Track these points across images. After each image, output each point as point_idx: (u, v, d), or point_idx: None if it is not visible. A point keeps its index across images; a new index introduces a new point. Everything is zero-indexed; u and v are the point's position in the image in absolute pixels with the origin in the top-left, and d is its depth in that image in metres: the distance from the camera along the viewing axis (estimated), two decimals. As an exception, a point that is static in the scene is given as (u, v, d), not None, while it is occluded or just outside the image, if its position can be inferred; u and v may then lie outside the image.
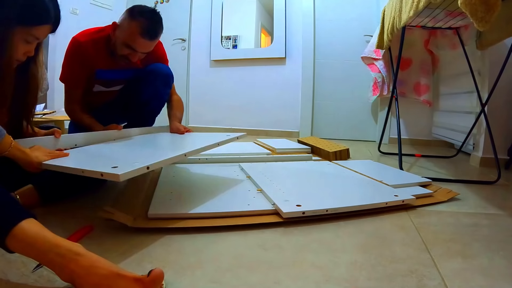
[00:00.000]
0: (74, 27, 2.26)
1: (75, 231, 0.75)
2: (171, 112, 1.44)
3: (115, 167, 0.70)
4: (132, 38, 1.15)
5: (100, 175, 0.68)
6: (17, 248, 0.52)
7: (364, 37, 2.89)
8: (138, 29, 1.13)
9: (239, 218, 0.84)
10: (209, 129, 3.38)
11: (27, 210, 0.56)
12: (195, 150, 0.88)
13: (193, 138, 1.21)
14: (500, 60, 1.53)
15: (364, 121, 2.99)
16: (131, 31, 1.14)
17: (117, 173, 0.64)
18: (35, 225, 0.54)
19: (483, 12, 0.89)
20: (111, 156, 0.89)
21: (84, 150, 1.00)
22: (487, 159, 1.72)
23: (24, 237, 0.51)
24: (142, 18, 1.14)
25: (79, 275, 0.49)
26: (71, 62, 1.21)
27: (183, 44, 3.43)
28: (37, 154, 0.83)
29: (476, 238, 0.80)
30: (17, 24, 0.75)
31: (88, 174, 0.71)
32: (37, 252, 0.51)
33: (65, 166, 0.76)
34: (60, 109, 2.65)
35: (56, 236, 0.53)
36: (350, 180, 1.21)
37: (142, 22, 1.13)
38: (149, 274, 0.49)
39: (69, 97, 1.28)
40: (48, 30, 0.82)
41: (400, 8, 1.61)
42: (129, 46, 1.16)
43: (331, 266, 0.64)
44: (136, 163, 0.72)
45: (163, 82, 1.36)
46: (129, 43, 1.16)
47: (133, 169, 0.68)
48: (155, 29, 1.17)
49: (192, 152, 0.87)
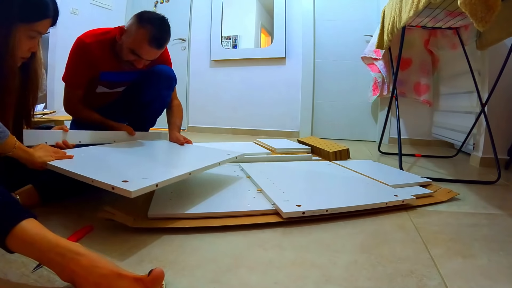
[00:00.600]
0: (74, 27, 2.26)
1: (75, 231, 0.75)
2: (171, 119, 1.44)
3: (125, 181, 0.72)
4: (139, 45, 1.14)
5: (111, 188, 0.70)
6: (17, 248, 0.52)
7: (364, 37, 2.89)
8: (146, 37, 1.12)
9: (239, 218, 0.84)
10: (209, 129, 3.38)
11: (28, 210, 0.56)
12: (199, 169, 0.92)
13: (195, 152, 1.22)
14: (500, 60, 1.53)
15: (364, 121, 2.99)
16: (139, 38, 1.13)
17: (130, 190, 0.67)
18: (36, 225, 0.54)
19: (483, 12, 0.89)
20: (117, 167, 0.90)
21: (88, 153, 1.01)
22: (487, 159, 1.72)
23: (24, 237, 0.51)
24: (151, 26, 1.12)
25: (79, 274, 0.49)
26: (75, 63, 1.20)
27: (183, 44, 3.43)
28: (41, 154, 0.84)
29: (476, 238, 0.80)
30: (19, 22, 0.76)
31: (98, 184, 0.72)
32: (37, 252, 0.51)
33: (74, 172, 0.78)
34: (60, 109, 2.64)
35: (56, 236, 0.53)
36: (350, 180, 1.21)
37: (150, 30, 1.12)
38: (149, 273, 0.49)
39: (69, 97, 1.27)
40: (49, 24, 0.83)
41: (400, 8, 1.61)
42: (135, 52, 1.15)
43: (331, 266, 0.64)
44: (145, 179, 0.75)
45: (166, 84, 1.36)
46: (135, 50, 1.15)
47: (144, 187, 0.71)
48: (163, 38, 1.16)
49: (196, 171, 0.90)
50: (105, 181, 0.71)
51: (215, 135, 3.19)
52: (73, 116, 1.33)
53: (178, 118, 1.45)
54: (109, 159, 0.98)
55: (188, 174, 0.86)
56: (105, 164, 0.92)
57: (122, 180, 0.73)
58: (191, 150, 1.26)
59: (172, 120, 1.44)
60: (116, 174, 0.78)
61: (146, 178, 0.76)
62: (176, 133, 1.38)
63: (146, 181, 0.74)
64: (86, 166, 0.86)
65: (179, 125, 1.45)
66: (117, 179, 0.73)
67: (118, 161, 0.96)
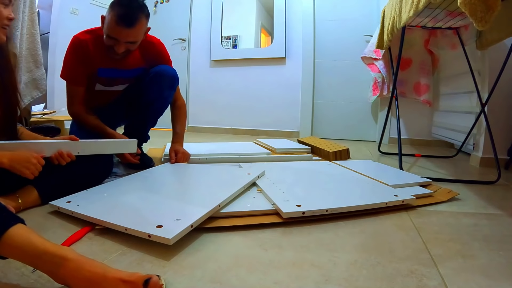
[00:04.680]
0: (74, 27, 2.26)
1: (76, 231, 0.75)
2: (175, 126, 1.46)
3: (160, 226, 0.71)
4: (111, 28, 1.13)
5: (147, 236, 0.68)
6: (8, 254, 0.52)
7: (364, 37, 2.89)
8: (114, 18, 1.12)
9: (239, 218, 0.84)
10: (209, 129, 3.38)
11: (15, 215, 0.56)
12: (227, 198, 0.90)
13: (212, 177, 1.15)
14: (500, 60, 1.53)
15: (364, 121, 2.99)
16: (110, 22, 1.13)
17: (168, 237, 0.66)
18: (24, 231, 0.53)
19: (482, 12, 0.89)
20: (141, 208, 0.84)
21: (101, 192, 0.97)
22: (487, 159, 1.72)
23: (13, 244, 0.51)
24: (118, 7, 1.12)
25: (70, 279, 0.49)
26: (71, 58, 1.22)
27: (183, 44, 3.43)
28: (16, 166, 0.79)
29: (476, 238, 0.80)
30: None
31: (132, 232, 0.71)
32: (28, 258, 0.51)
33: (103, 220, 0.76)
34: (60, 109, 2.65)
35: (44, 242, 0.52)
36: (350, 180, 1.21)
37: (117, 10, 1.12)
38: (145, 283, 0.49)
39: (71, 97, 1.27)
40: None
41: (400, 8, 1.61)
42: (110, 36, 1.15)
43: (330, 266, 0.64)
44: (178, 221, 0.73)
45: (168, 84, 1.36)
46: (109, 34, 1.15)
47: (180, 231, 0.69)
48: (131, 16, 1.13)
49: (225, 201, 0.88)
50: (140, 229, 0.70)
51: (215, 135, 3.19)
52: (75, 119, 1.33)
53: (180, 124, 1.47)
54: (127, 198, 0.93)
55: (218, 206, 0.84)
56: (128, 206, 0.86)
57: (156, 225, 0.71)
58: (207, 174, 1.20)
59: (175, 129, 1.46)
60: (145, 218, 0.76)
61: (178, 219, 0.74)
62: (176, 147, 1.41)
63: (180, 223, 0.72)
64: (109, 210, 0.83)
65: (182, 134, 1.47)
66: (150, 225, 0.71)
67: (137, 200, 0.91)
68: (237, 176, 1.13)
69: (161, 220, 0.73)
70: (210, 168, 1.30)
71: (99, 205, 0.86)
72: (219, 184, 1.05)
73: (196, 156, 1.52)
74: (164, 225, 0.71)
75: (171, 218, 0.75)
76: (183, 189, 1.08)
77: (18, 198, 0.86)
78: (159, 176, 1.20)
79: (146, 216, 0.77)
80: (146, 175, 1.20)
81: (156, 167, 1.33)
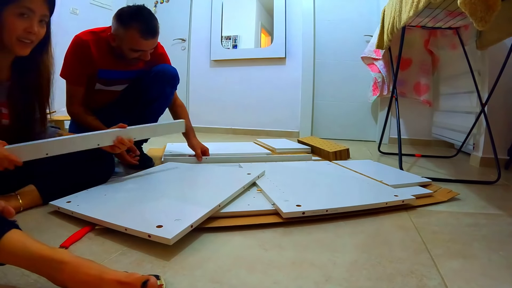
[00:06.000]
0: (74, 27, 2.26)
1: (76, 231, 0.75)
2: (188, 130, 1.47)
3: (160, 226, 0.70)
4: (136, 43, 1.17)
5: (147, 236, 0.68)
6: (4, 260, 0.52)
7: (364, 37, 2.89)
8: (138, 34, 1.15)
9: (239, 218, 0.84)
10: (209, 129, 3.38)
11: (8, 220, 0.55)
12: (227, 198, 0.90)
13: (213, 176, 1.17)
14: (500, 60, 1.53)
15: (364, 121, 2.99)
16: (132, 38, 1.16)
17: (168, 237, 0.65)
18: (18, 236, 0.52)
19: (482, 11, 0.89)
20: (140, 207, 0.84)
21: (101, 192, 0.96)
22: (487, 159, 1.72)
23: (8, 250, 0.51)
24: (137, 23, 1.15)
25: (67, 282, 0.49)
26: (73, 58, 1.23)
27: (183, 44, 3.43)
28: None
29: (476, 238, 0.80)
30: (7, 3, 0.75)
31: (132, 232, 0.71)
32: (24, 263, 0.51)
33: (103, 220, 0.76)
34: (60, 109, 2.64)
35: (39, 246, 0.52)
36: (350, 180, 1.21)
37: (139, 26, 1.15)
38: (144, 285, 0.49)
39: (70, 96, 1.27)
40: (40, 1, 0.78)
41: (400, 8, 1.61)
42: (136, 50, 1.19)
43: (331, 266, 0.64)
44: (178, 221, 0.73)
45: (170, 82, 1.38)
46: (135, 48, 1.19)
47: (180, 231, 0.68)
48: (153, 27, 1.19)
49: (225, 201, 0.88)
50: (140, 229, 0.69)
51: (215, 135, 3.19)
52: (74, 119, 1.33)
53: (187, 119, 1.50)
54: (127, 198, 0.93)
55: (218, 206, 0.85)
56: (128, 206, 0.86)
57: (156, 225, 0.71)
58: (207, 174, 1.21)
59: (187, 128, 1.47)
60: (146, 218, 0.76)
61: (178, 219, 0.74)
62: (194, 141, 1.48)
63: (180, 223, 0.72)
64: (110, 210, 0.82)
65: (192, 128, 1.52)
66: (150, 225, 0.71)
67: (137, 200, 0.90)
68: (237, 176, 1.13)
69: (161, 220, 0.73)
70: (210, 168, 1.30)
71: (99, 205, 0.86)
72: (219, 184, 1.05)
73: (196, 156, 1.52)
74: (164, 225, 0.71)
75: (171, 218, 0.75)
76: (183, 189, 1.08)
77: (19, 198, 0.86)
78: (159, 176, 1.20)
79: (146, 216, 0.77)
80: (146, 175, 1.20)
81: (156, 167, 1.33)
